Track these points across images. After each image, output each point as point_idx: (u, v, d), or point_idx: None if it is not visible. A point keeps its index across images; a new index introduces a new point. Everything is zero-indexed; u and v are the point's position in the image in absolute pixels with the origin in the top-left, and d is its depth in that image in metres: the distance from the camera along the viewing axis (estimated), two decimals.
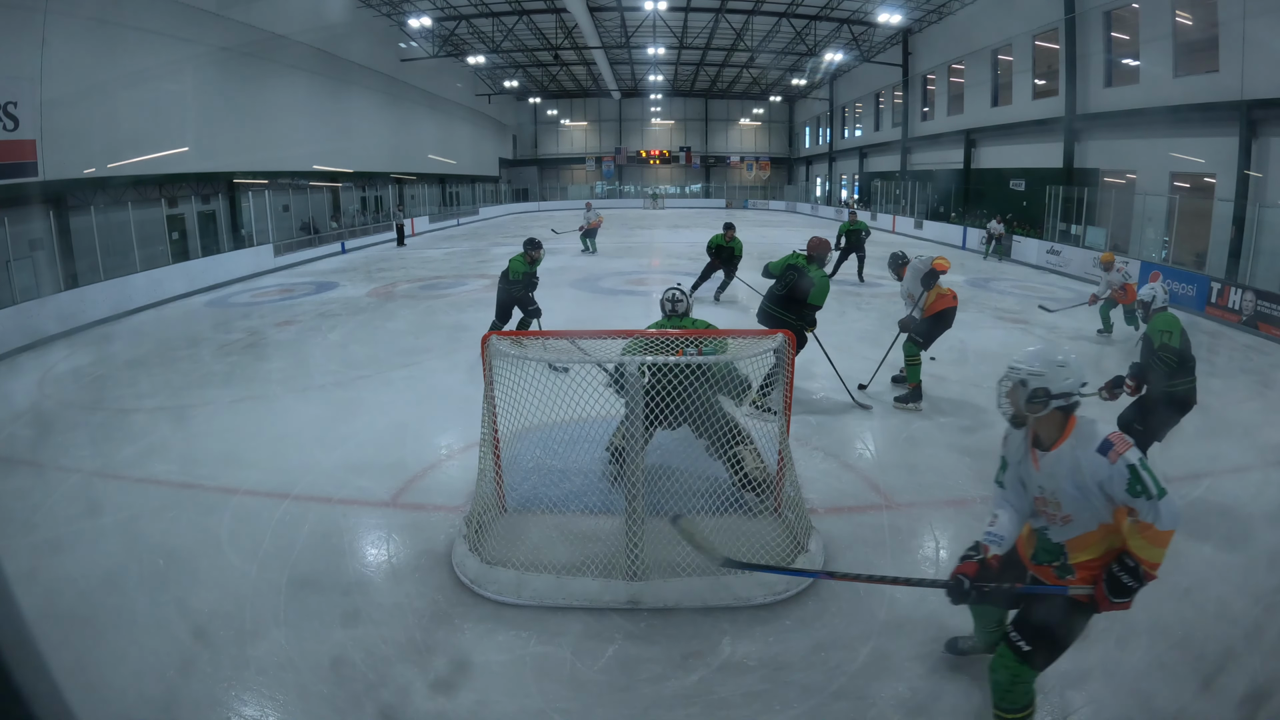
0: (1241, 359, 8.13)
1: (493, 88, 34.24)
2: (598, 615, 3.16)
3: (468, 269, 15.27)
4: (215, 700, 2.65)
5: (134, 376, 7.58)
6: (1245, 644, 2.96)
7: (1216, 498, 4.34)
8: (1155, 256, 12.91)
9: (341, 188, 22.49)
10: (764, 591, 3.26)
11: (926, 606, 3.24)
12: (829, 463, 4.84)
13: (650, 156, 42.02)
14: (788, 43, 28.05)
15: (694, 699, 2.67)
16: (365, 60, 22.37)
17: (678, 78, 37.77)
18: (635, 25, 26.46)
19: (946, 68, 23.38)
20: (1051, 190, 16.66)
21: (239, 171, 16.08)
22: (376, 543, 3.89)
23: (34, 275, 10.54)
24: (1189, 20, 13.27)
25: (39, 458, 5.12)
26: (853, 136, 33.36)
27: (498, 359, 3.63)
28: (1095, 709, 2.61)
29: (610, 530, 3.65)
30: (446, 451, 5.05)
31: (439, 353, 7.90)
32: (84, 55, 11.49)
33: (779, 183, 42.16)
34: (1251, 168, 11.80)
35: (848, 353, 7.10)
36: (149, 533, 3.93)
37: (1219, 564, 3.56)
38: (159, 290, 12.11)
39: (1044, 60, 18.18)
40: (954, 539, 3.88)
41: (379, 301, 11.48)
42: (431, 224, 26.55)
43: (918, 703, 2.63)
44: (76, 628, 3.04)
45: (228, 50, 15.37)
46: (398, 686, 2.74)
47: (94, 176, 12.05)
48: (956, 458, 4.91)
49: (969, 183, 22.02)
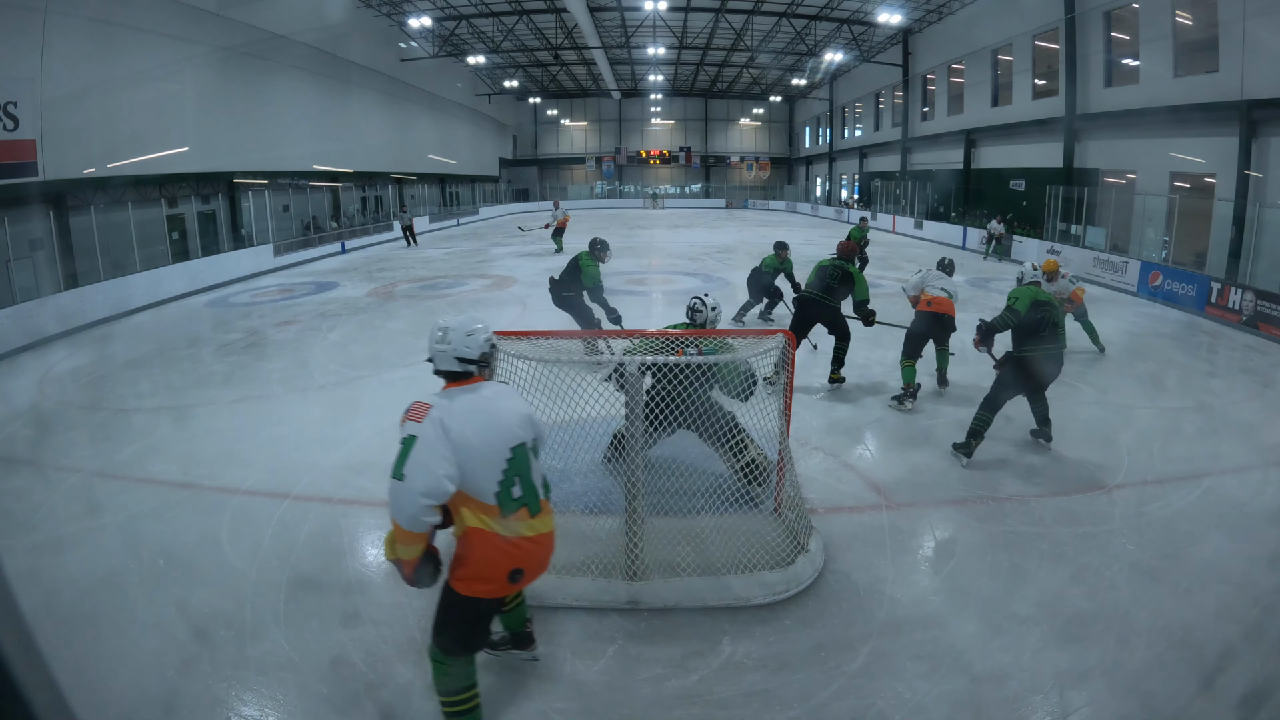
0: (1241, 359, 8.13)
1: (493, 88, 34.24)
2: (597, 615, 3.15)
3: (468, 269, 15.27)
4: (215, 700, 2.65)
5: (134, 376, 7.58)
6: (1245, 644, 2.96)
7: (1216, 498, 4.34)
8: (1155, 256, 12.91)
9: (341, 188, 22.49)
10: (764, 591, 3.26)
11: (927, 606, 3.24)
12: (829, 463, 4.84)
13: (650, 156, 42.05)
14: (788, 43, 28.05)
15: (694, 699, 2.67)
16: (365, 60, 22.37)
17: (678, 78, 37.78)
18: (635, 25, 26.47)
19: (946, 68, 23.38)
20: (1051, 190, 16.66)
21: (239, 171, 16.09)
22: (376, 543, 3.88)
23: (34, 275, 10.55)
24: (1189, 20, 13.27)
25: (39, 458, 5.12)
26: (853, 136, 33.35)
27: (498, 359, 3.62)
28: (1095, 709, 2.61)
29: (610, 530, 3.65)
30: None
31: None
32: (84, 55, 11.50)
33: (779, 183, 42.16)
34: (1251, 168, 11.80)
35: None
36: (149, 533, 3.94)
37: (1219, 564, 3.56)
38: (159, 290, 12.11)
39: (1044, 60, 18.18)
40: (954, 539, 3.89)
41: (379, 301, 11.48)
42: (431, 224, 26.56)
43: (918, 703, 2.63)
44: (76, 628, 3.04)
45: (228, 50, 15.37)
46: (398, 686, 2.74)
47: (94, 176, 12.05)
48: (956, 457, 4.91)
49: (969, 183, 22.02)
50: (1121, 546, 3.74)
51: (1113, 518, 4.07)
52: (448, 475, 2.03)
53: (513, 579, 2.18)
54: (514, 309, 10.52)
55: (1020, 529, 3.94)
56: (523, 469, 2.18)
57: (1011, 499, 4.30)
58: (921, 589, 3.40)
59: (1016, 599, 3.28)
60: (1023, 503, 4.25)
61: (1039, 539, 3.82)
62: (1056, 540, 3.80)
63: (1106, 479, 4.58)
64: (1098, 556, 3.63)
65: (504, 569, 2.15)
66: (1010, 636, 3.01)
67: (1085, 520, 4.04)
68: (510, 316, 9.99)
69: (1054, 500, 4.28)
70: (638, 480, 3.26)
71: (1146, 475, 4.68)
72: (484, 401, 2.19)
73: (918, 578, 3.50)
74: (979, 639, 2.99)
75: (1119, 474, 4.66)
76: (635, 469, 3.24)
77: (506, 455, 2.15)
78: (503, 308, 10.63)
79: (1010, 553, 3.68)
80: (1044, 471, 4.71)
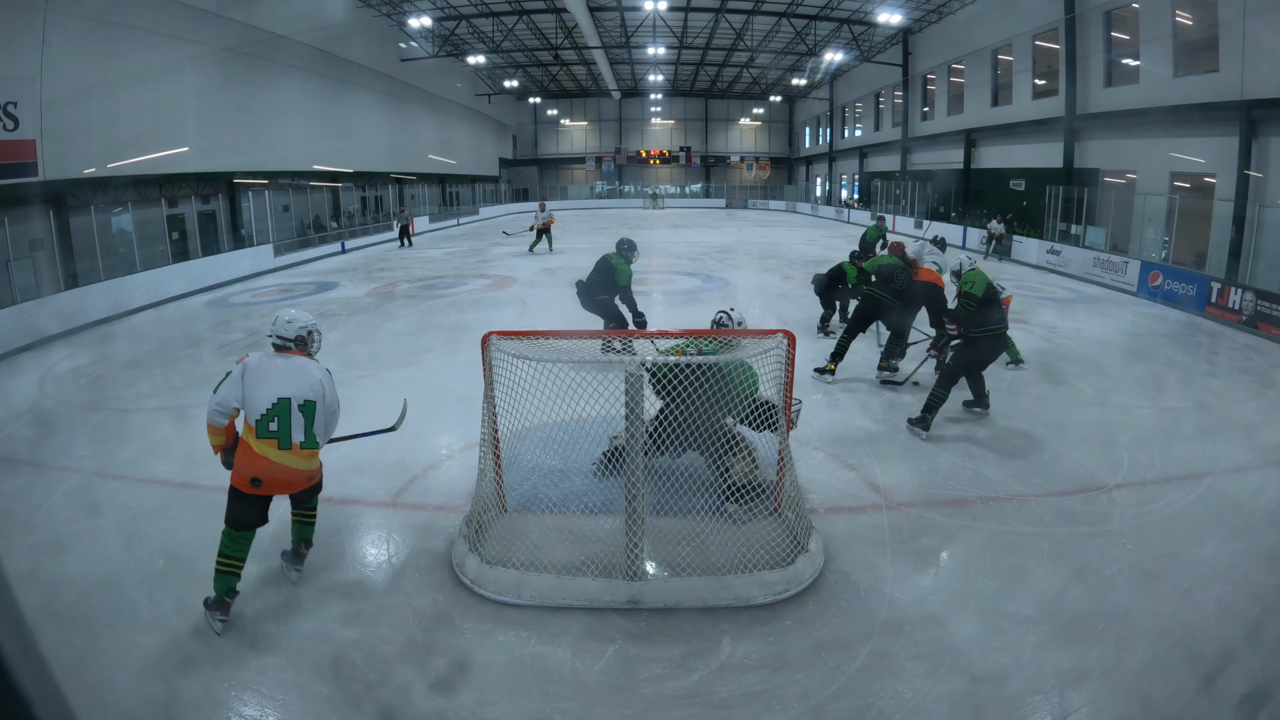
0: (1241, 359, 8.13)
1: (493, 88, 34.24)
2: (598, 615, 3.16)
3: (468, 269, 15.28)
4: (215, 700, 2.65)
5: (134, 376, 7.58)
6: (1245, 644, 2.96)
7: (1216, 498, 4.34)
8: (1155, 256, 12.91)
9: (341, 188, 22.49)
10: (764, 591, 3.26)
11: (927, 606, 3.24)
12: (829, 463, 4.84)
13: (650, 156, 42.05)
14: (788, 43, 28.05)
15: (694, 699, 2.67)
16: (365, 60, 22.37)
17: (678, 78, 37.78)
18: (635, 25, 26.46)
19: (946, 68, 23.37)
20: (1051, 190, 16.65)
21: (239, 171, 16.08)
22: (376, 543, 3.89)
23: (34, 275, 10.54)
24: (1189, 20, 13.27)
25: (39, 458, 5.12)
26: (853, 136, 33.35)
27: (498, 359, 3.63)
28: (1095, 709, 2.61)
29: (610, 530, 3.65)
30: (446, 451, 5.05)
31: (439, 353, 7.90)
32: (84, 55, 11.50)
33: (779, 183, 42.16)
34: (1251, 168, 11.79)
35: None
36: (149, 533, 3.94)
37: (1219, 564, 3.56)
38: (159, 290, 12.11)
39: (1044, 60, 18.17)
40: (954, 539, 3.89)
41: (379, 301, 11.48)
42: (431, 224, 26.57)
43: (918, 703, 2.63)
44: (76, 628, 3.04)
45: (228, 50, 15.36)
46: (398, 686, 2.74)
47: (94, 176, 12.05)
48: (956, 458, 4.91)
49: (969, 183, 22.01)
50: (1121, 546, 3.74)
51: (1113, 518, 4.06)
52: (234, 398, 3.14)
53: (254, 484, 3.10)
54: (514, 309, 10.52)
55: (1020, 529, 3.94)
56: (282, 414, 3.14)
57: (1011, 499, 4.30)
58: (921, 589, 3.40)
59: (1016, 599, 3.28)
60: (1023, 503, 4.25)
61: (1039, 539, 3.82)
62: (1056, 540, 3.80)
63: (1106, 479, 4.58)
64: (1098, 556, 3.62)
65: (249, 472, 3.10)
66: (1010, 636, 3.01)
67: (1085, 520, 4.03)
68: (510, 316, 9.99)
69: (1054, 500, 4.28)
70: (638, 481, 3.26)
71: (1146, 475, 4.68)
72: (277, 366, 3.23)
73: (918, 578, 3.50)
74: (979, 639, 2.99)
75: (1119, 474, 4.66)
76: (635, 470, 3.24)
77: (272, 401, 3.13)
78: (503, 308, 10.63)
79: (1010, 553, 3.68)
80: (1044, 471, 4.71)
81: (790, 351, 3.71)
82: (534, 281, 13.19)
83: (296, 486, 3.26)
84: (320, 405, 3.23)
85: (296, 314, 3.41)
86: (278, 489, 3.19)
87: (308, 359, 3.34)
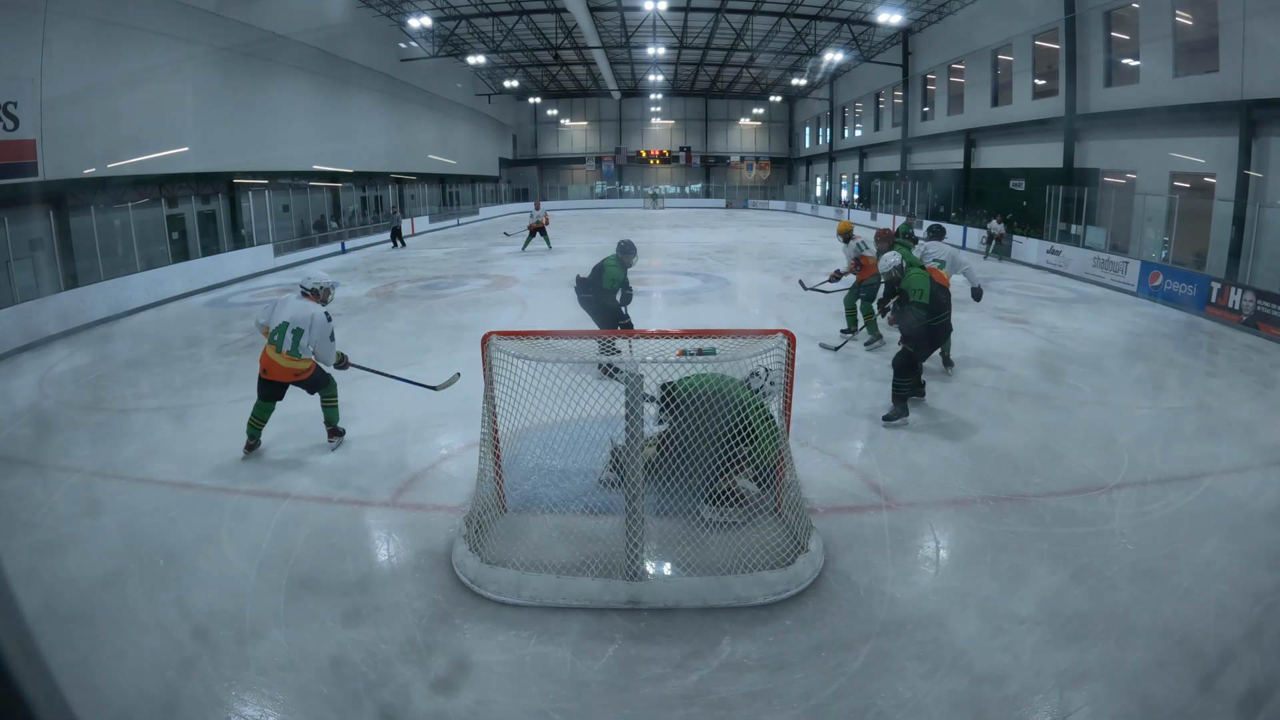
0: (1241, 359, 8.13)
1: (493, 88, 34.23)
2: (598, 615, 3.16)
3: (468, 269, 15.28)
4: (215, 700, 2.65)
5: (134, 376, 7.58)
6: (1245, 644, 2.96)
7: (1216, 498, 4.34)
8: (1155, 256, 12.91)
9: (341, 188, 22.49)
10: (764, 591, 3.26)
11: (927, 606, 3.24)
12: (829, 463, 4.84)
13: (650, 156, 42.03)
14: (788, 43, 28.05)
15: (694, 699, 2.67)
16: (365, 60, 22.36)
17: (678, 78, 37.78)
18: (635, 25, 26.47)
19: (946, 68, 23.36)
20: (1051, 190, 16.65)
21: (239, 171, 16.08)
22: (376, 543, 3.89)
23: (34, 275, 10.54)
24: (1189, 20, 13.27)
25: (39, 458, 5.12)
26: (853, 136, 33.34)
27: (498, 359, 3.63)
28: (1095, 709, 2.61)
29: (610, 530, 3.65)
30: (446, 451, 5.05)
31: (439, 353, 7.90)
32: (84, 55, 11.49)
33: (779, 183, 42.16)
34: (1251, 168, 11.79)
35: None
36: (149, 533, 3.93)
37: (1219, 564, 3.56)
38: (159, 290, 12.11)
39: (1044, 60, 18.17)
40: (954, 539, 3.89)
41: (379, 301, 11.48)
42: (431, 224, 26.56)
43: (918, 703, 2.63)
44: (76, 628, 3.04)
45: (228, 50, 15.36)
46: (398, 686, 2.74)
47: (94, 176, 12.05)
48: (956, 458, 4.91)
49: (969, 183, 22.00)
50: (1121, 546, 3.74)
51: (1113, 518, 4.06)
52: (264, 316, 4.86)
53: (263, 371, 4.82)
54: (514, 309, 10.52)
55: (1020, 529, 3.94)
56: (280, 332, 4.73)
57: (1011, 499, 4.30)
58: (921, 589, 3.39)
59: (1016, 599, 3.28)
60: (1023, 503, 4.25)
61: (1039, 539, 3.82)
62: (1056, 540, 3.80)
63: (1106, 479, 4.58)
64: (1098, 556, 3.62)
65: (261, 363, 4.82)
66: (1010, 636, 3.01)
67: (1085, 520, 4.03)
68: (510, 316, 9.99)
69: (1054, 500, 4.28)
70: (638, 481, 3.26)
71: (1146, 475, 4.68)
72: (290, 302, 4.85)
73: (918, 578, 3.50)
74: (979, 639, 2.99)
75: (1119, 474, 4.66)
76: (635, 471, 3.24)
77: (281, 322, 4.74)
78: (503, 307, 10.63)
79: (1010, 553, 3.68)
80: (1044, 471, 4.71)
81: (790, 351, 3.71)
82: (534, 281, 13.19)
83: (287, 377, 4.82)
84: (307, 332, 4.72)
85: (316, 273, 5.11)
86: (275, 376, 4.79)
87: (315, 303, 4.86)
